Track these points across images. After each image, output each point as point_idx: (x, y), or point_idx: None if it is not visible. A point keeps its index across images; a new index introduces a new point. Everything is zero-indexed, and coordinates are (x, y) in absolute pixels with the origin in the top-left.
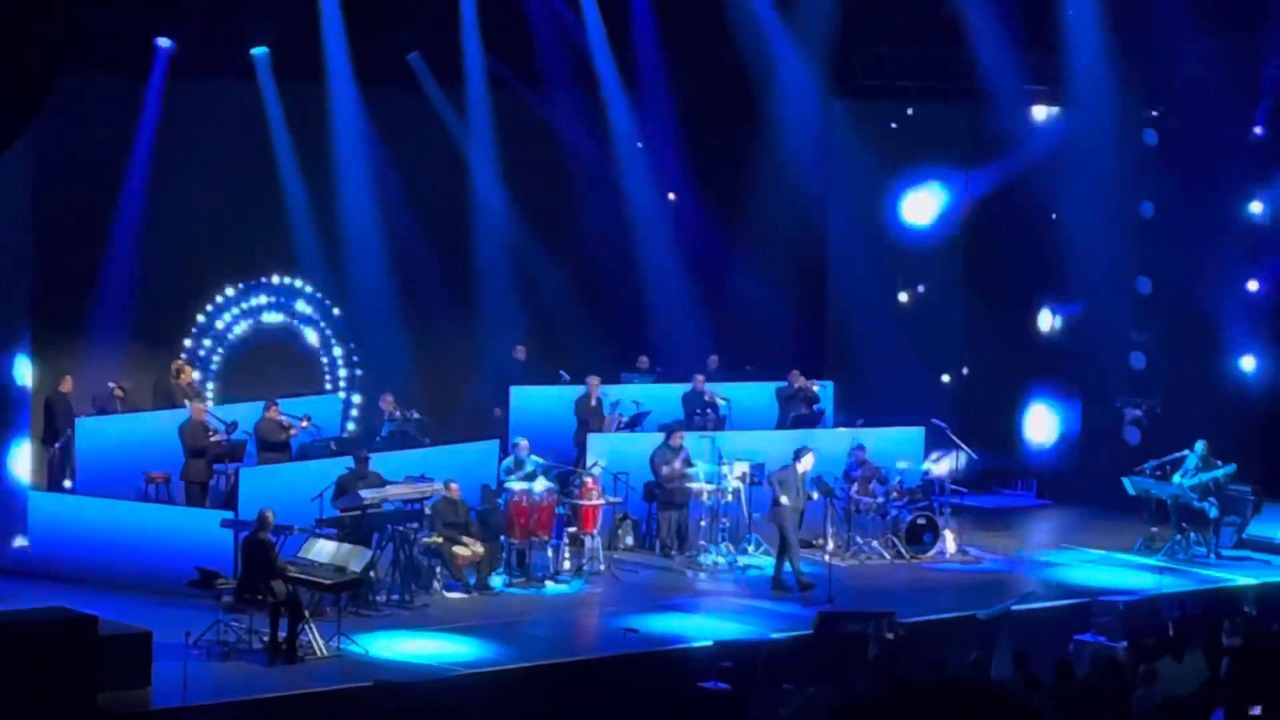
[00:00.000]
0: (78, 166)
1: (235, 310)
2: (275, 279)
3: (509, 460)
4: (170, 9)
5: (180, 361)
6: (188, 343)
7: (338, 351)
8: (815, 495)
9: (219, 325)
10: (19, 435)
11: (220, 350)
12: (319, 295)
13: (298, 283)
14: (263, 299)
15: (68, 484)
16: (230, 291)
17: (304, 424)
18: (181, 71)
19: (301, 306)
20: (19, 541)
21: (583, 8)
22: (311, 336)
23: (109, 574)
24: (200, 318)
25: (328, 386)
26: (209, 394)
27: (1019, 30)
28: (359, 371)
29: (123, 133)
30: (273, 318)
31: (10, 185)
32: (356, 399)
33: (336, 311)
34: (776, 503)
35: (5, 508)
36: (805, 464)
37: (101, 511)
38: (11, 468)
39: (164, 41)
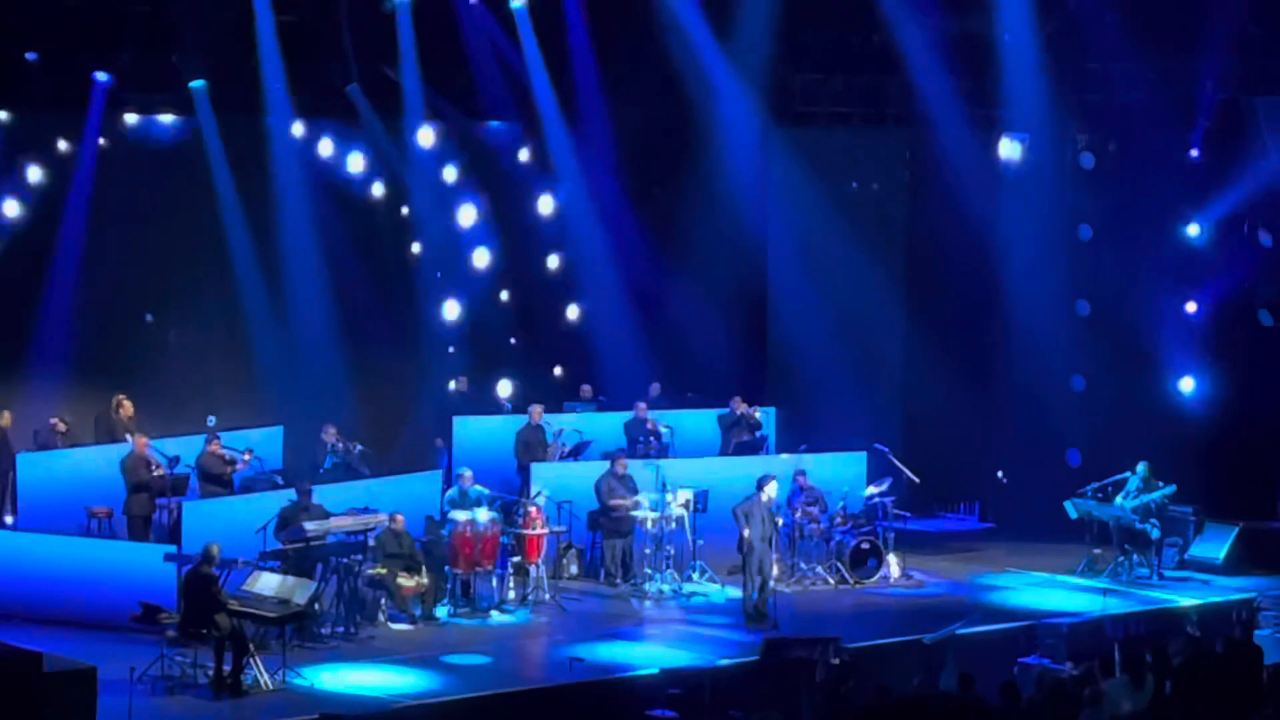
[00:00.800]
0: (18, 200)
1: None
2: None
3: (453, 491)
4: (107, 43)
5: (120, 396)
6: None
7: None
8: (781, 521)
9: (154, 354)
10: None
11: (156, 379)
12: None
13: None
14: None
15: (9, 519)
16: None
17: (246, 458)
18: (120, 105)
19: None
20: None
21: (521, 37)
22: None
23: (52, 610)
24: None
25: (267, 418)
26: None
27: (955, 55)
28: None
29: (61, 166)
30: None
31: None
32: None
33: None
34: (742, 536)
35: None
36: (769, 492)
37: (44, 546)
38: None
39: (101, 75)
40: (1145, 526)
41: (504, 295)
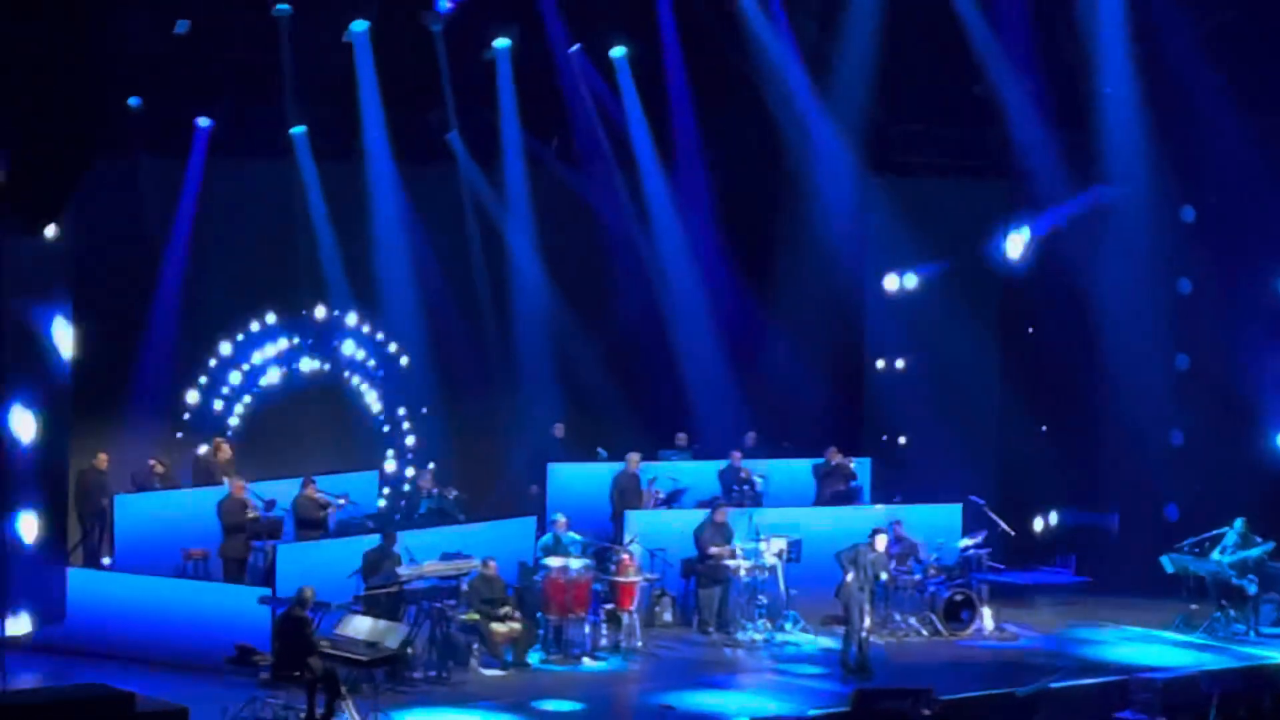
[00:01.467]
0: (116, 246)
1: (273, 381)
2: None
3: (547, 537)
4: (209, 90)
5: (219, 439)
6: (234, 421)
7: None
8: (885, 577)
9: (252, 399)
10: (60, 513)
11: (255, 424)
12: (371, 365)
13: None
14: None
15: (105, 560)
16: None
17: (341, 503)
18: (221, 150)
19: (356, 380)
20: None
21: (620, 85)
22: (371, 400)
23: (147, 650)
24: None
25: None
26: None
27: (1055, 107)
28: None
29: (162, 213)
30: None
31: (49, 264)
32: (409, 472)
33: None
34: (843, 580)
35: (45, 584)
36: (879, 545)
37: (140, 588)
38: (51, 544)
39: (203, 121)
40: (1242, 582)
41: (599, 342)
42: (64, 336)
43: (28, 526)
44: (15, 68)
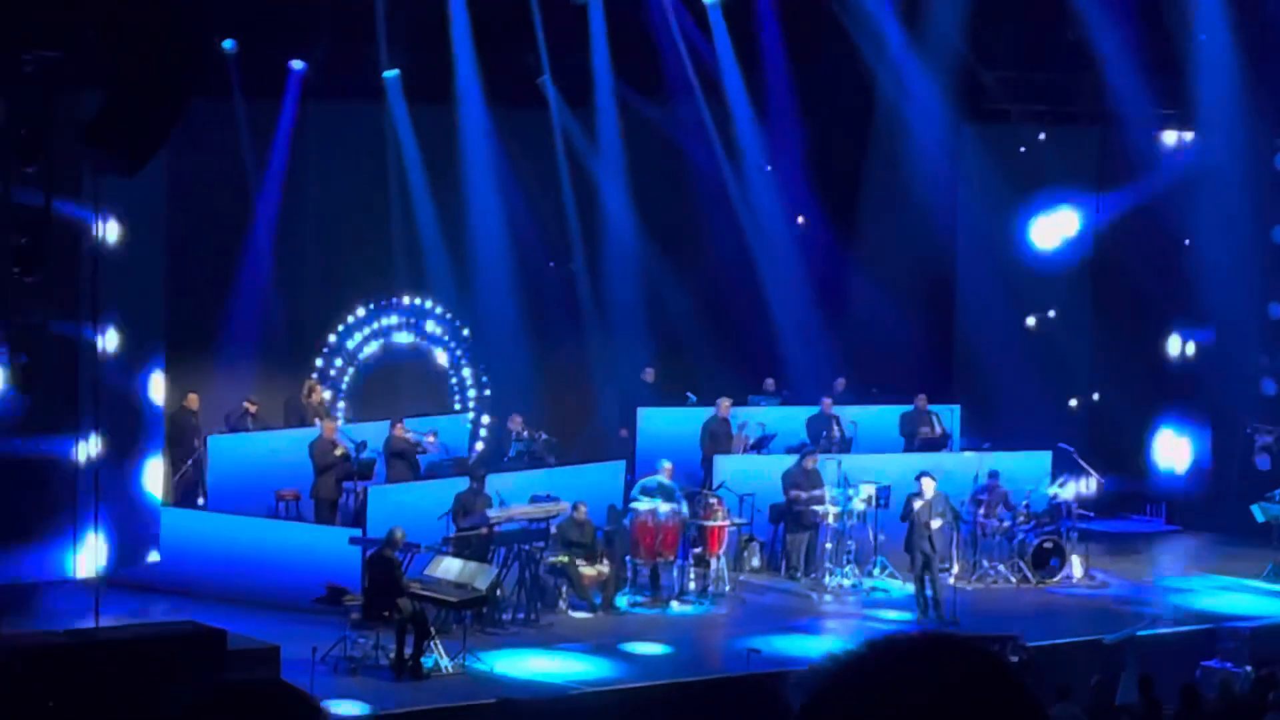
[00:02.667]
0: (210, 187)
1: (366, 330)
2: (405, 299)
3: (652, 480)
4: (303, 32)
5: (311, 380)
6: (319, 362)
7: (467, 372)
8: (936, 523)
9: (350, 345)
10: (152, 451)
11: (351, 369)
12: (449, 316)
13: (428, 303)
14: (393, 319)
15: (200, 500)
16: (361, 312)
17: (430, 440)
18: (314, 93)
19: (431, 327)
20: (151, 556)
21: (712, 30)
22: (441, 357)
23: (238, 589)
24: (331, 337)
25: (456, 407)
26: (339, 413)
27: (1149, 54)
28: (487, 392)
29: (255, 154)
30: (403, 338)
31: (144, 205)
32: (485, 419)
33: (465, 332)
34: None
35: (139, 523)
36: (925, 490)
37: (232, 528)
38: (145, 483)
39: (297, 64)
40: None
41: (689, 287)
42: (153, 272)
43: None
44: (111, 7)
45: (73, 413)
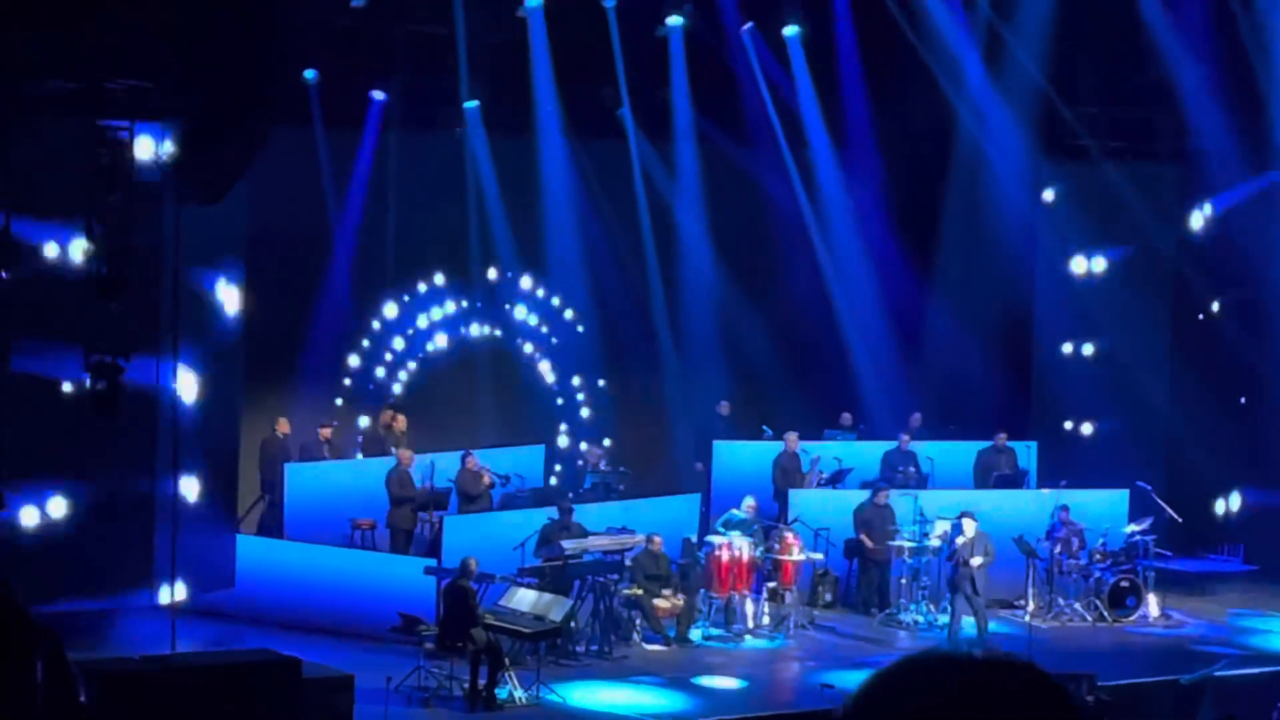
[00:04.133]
0: (291, 216)
1: (441, 352)
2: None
3: (736, 513)
4: (385, 63)
5: (393, 410)
6: (396, 389)
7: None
8: (977, 561)
9: (422, 369)
10: (230, 479)
11: (423, 394)
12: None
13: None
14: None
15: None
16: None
17: (501, 480)
18: (395, 124)
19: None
20: (228, 585)
21: (791, 62)
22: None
23: (314, 618)
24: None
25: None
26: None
27: (1229, 91)
28: (585, 412)
29: (336, 184)
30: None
31: (226, 233)
32: (584, 445)
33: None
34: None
35: (216, 551)
36: (967, 530)
37: (308, 556)
38: (223, 511)
39: (378, 94)
40: None
41: (766, 321)
42: (232, 300)
43: (189, 489)
44: (195, 39)
45: (152, 441)
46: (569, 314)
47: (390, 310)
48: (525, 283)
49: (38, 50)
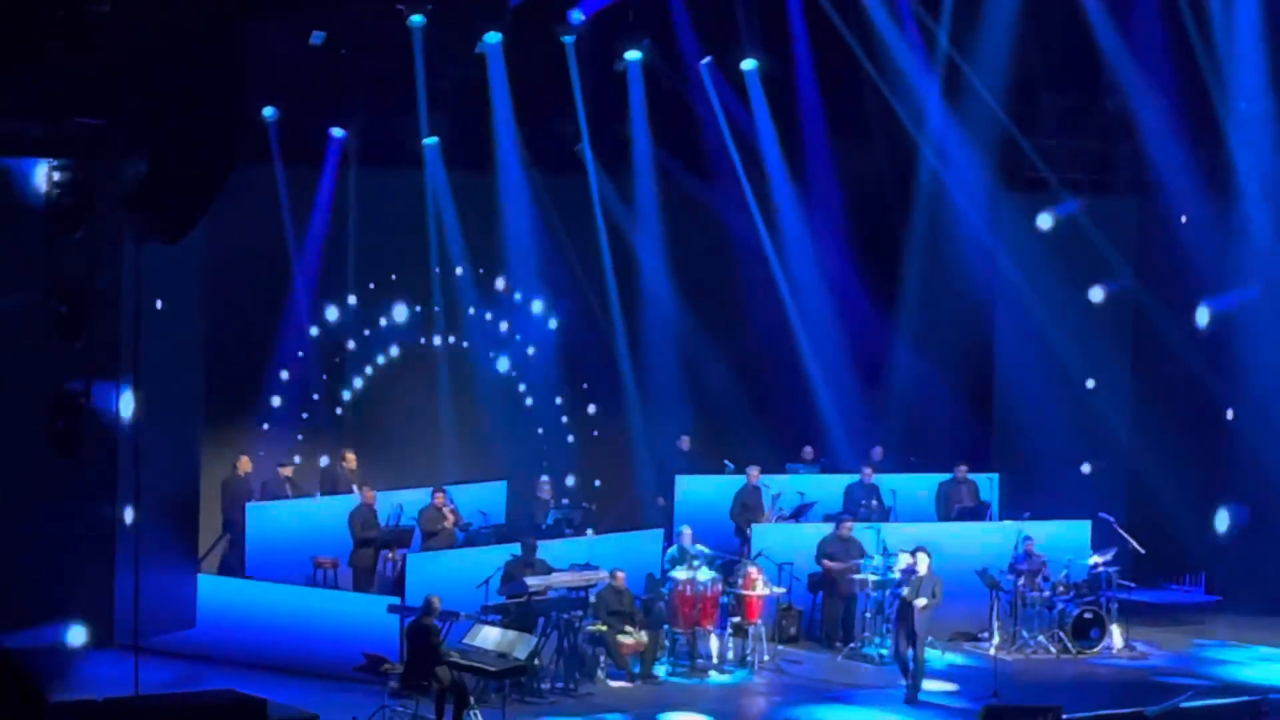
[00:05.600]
0: (251, 253)
1: (403, 389)
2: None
3: (674, 549)
4: (343, 100)
5: (346, 450)
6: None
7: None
8: (922, 602)
9: (382, 406)
10: (190, 518)
11: (384, 431)
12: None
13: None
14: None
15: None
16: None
17: (465, 524)
18: (354, 160)
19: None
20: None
21: (751, 98)
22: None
23: (277, 658)
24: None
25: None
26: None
27: (1188, 122)
28: (515, 457)
29: (296, 220)
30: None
31: (186, 272)
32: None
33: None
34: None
35: (177, 591)
36: (920, 567)
37: (270, 595)
38: (183, 551)
39: (337, 131)
40: None
41: (727, 355)
42: (191, 340)
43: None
44: (154, 76)
45: (112, 479)
46: (530, 350)
47: (351, 346)
48: (487, 316)
49: None
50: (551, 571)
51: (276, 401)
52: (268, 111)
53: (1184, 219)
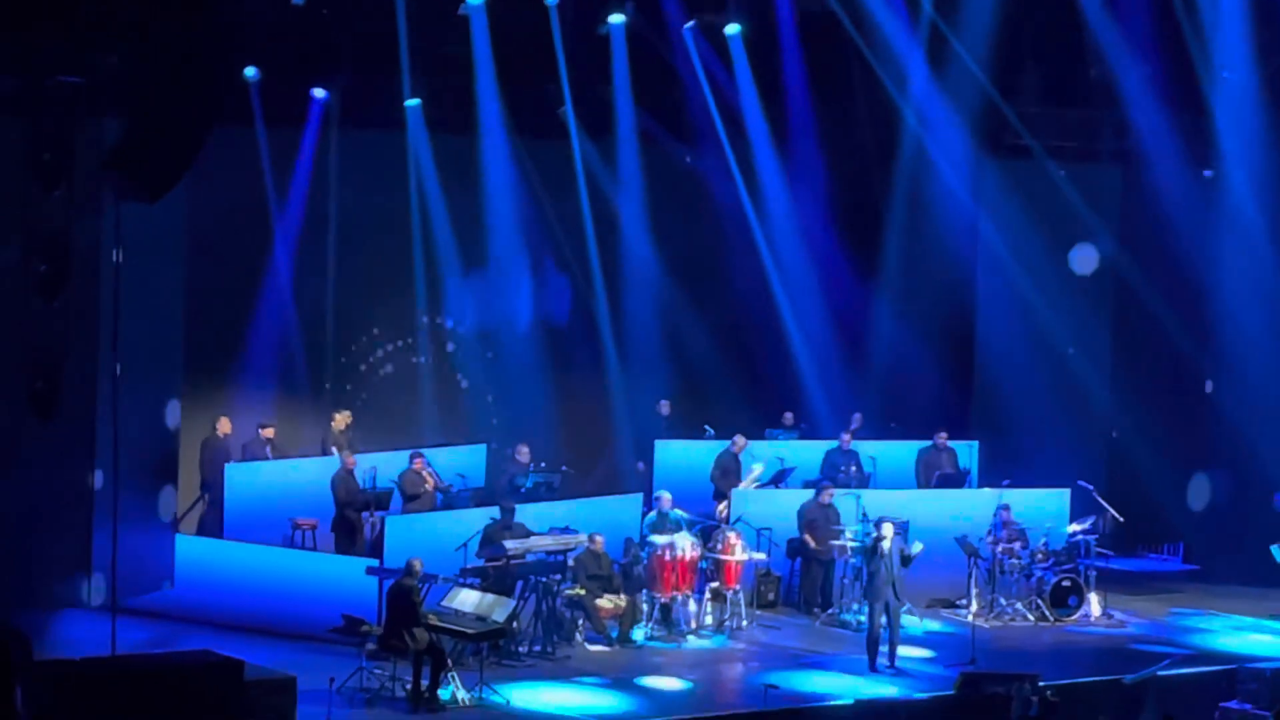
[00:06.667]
0: (231, 214)
1: (382, 352)
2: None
3: (652, 514)
4: (325, 61)
5: (343, 414)
6: (348, 387)
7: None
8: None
9: (362, 368)
10: (168, 478)
11: (364, 394)
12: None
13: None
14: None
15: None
16: (377, 332)
17: (445, 487)
18: (335, 122)
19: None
20: (166, 585)
21: (734, 63)
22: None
23: (255, 619)
24: (343, 359)
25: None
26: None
27: (1171, 90)
28: (494, 420)
29: (277, 182)
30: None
31: (165, 231)
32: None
33: (490, 355)
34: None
35: (154, 551)
36: (885, 535)
37: (248, 557)
38: (160, 511)
39: (319, 92)
40: None
41: (708, 319)
42: (172, 298)
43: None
44: (134, 36)
45: (89, 440)
46: (510, 313)
47: (331, 308)
48: (467, 279)
49: None
50: (530, 535)
51: (256, 362)
52: (249, 72)
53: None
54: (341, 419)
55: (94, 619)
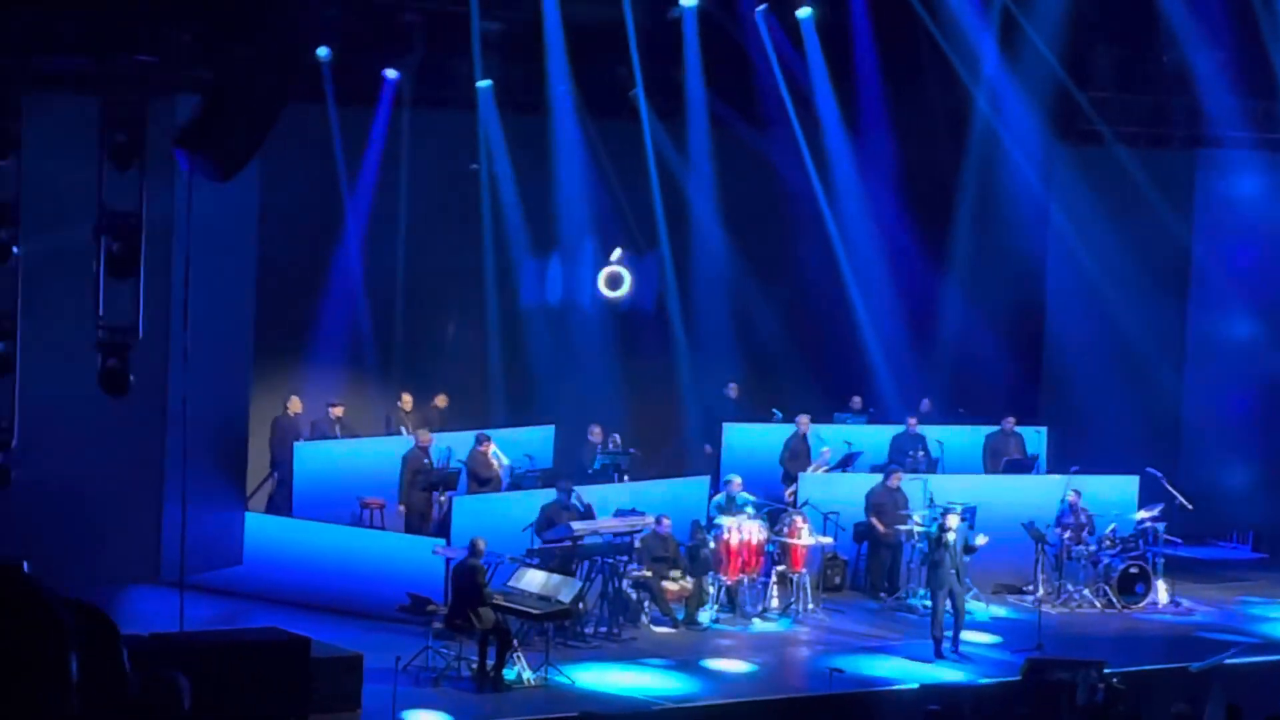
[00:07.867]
0: (303, 194)
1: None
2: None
3: (721, 497)
4: (398, 41)
5: (406, 395)
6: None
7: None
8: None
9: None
10: (239, 456)
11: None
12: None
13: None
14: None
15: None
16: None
17: (506, 461)
18: (407, 102)
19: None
20: (236, 563)
21: (805, 46)
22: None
23: (322, 597)
24: (412, 339)
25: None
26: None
27: (1244, 76)
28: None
29: (348, 162)
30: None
31: (237, 210)
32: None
33: (558, 337)
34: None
35: (224, 529)
36: (950, 524)
37: (316, 535)
38: (232, 489)
39: (391, 73)
40: None
41: (777, 303)
42: (244, 278)
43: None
44: (208, 15)
45: (161, 418)
46: (579, 296)
47: (401, 289)
48: (537, 261)
49: (48, 26)
50: (594, 516)
51: (326, 341)
52: (321, 52)
53: None
54: (407, 399)
55: (164, 595)
